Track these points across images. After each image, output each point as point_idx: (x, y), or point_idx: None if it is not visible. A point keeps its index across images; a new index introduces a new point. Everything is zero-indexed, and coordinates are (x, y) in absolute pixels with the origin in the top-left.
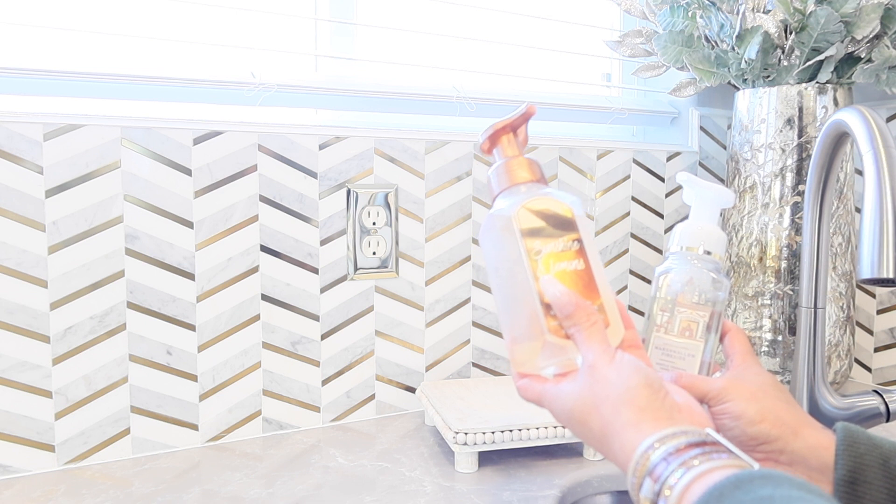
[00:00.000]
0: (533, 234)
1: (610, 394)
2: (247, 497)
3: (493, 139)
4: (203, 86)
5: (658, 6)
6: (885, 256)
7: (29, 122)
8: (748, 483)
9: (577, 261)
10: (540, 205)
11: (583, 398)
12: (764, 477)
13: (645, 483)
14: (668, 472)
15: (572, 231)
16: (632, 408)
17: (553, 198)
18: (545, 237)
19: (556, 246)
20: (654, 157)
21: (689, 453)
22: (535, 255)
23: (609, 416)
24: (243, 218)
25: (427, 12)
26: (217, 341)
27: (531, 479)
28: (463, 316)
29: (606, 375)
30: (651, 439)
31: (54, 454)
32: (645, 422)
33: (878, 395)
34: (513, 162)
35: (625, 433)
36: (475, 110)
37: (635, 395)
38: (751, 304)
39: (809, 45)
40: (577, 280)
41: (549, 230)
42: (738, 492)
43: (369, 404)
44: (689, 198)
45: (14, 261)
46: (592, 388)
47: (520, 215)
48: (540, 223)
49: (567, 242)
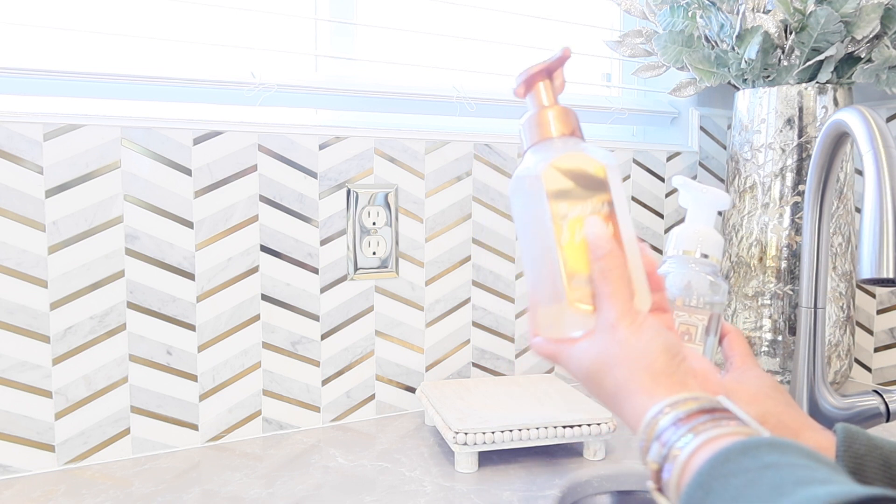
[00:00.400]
0: (560, 195)
1: (627, 356)
2: (247, 497)
3: (528, 83)
4: (203, 86)
5: (658, 6)
6: (885, 256)
7: (29, 122)
8: (754, 449)
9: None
10: (570, 163)
11: (599, 357)
12: (771, 444)
13: (653, 447)
14: (676, 437)
15: (603, 192)
16: (647, 372)
17: (586, 154)
18: (573, 199)
19: (584, 209)
20: (654, 157)
21: (698, 419)
22: (560, 219)
23: (623, 378)
24: (243, 218)
25: (427, 12)
26: (217, 341)
27: (531, 479)
28: (463, 316)
29: (626, 337)
30: (661, 404)
31: (54, 454)
32: (658, 387)
33: (878, 395)
34: (546, 112)
35: (637, 397)
36: (475, 110)
37: (652, 360)
38: (751, 304)
39: (809, 45)
40: None
41: (577, 191)
42: (743, 458)
43: (369, 404)
44: (686, 201)
45: (14, 261)
46: (609, 348)
47: (547, 175)
48: (568, 184)
49: (596, 205)
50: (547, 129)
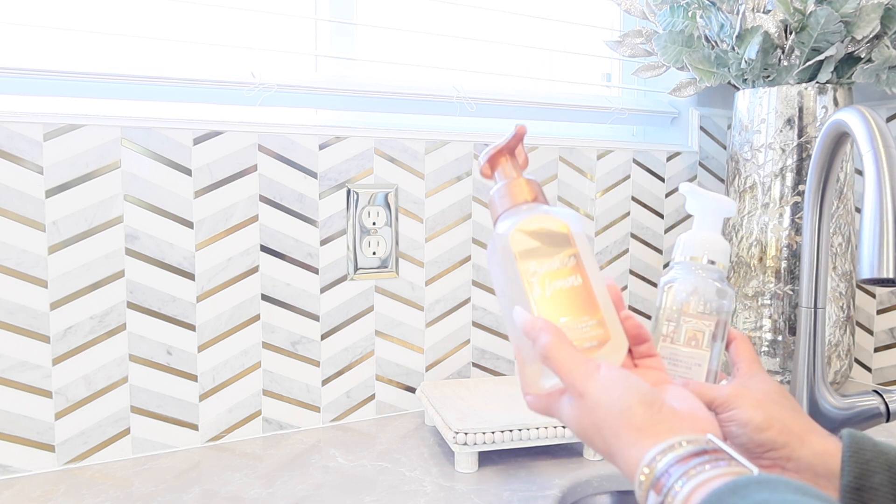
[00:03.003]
0: (528, 255)
1: (605, 418)
2: (247, 497)
3: (491, 163)
4: (203, 86)
5: (658, 6)
6: (885, 256)
7: (29, 122)
8: (744, 489)
9: (573, 277)
10: (534, 224)
11: (583, 422)
12: (761, 482)
13: (650, 496)
14: (671, 483)
15: (568, 247)
16: (629, 429)
17: (549, 215)
18: (540, 257)
19: (551, 264)
20: (654, 157)
21: (690, 463)
22: (530, 276)
23: (610, 437)
24: (243, 218)
25: (427, 12)
26: (217, 341)
27: (531, 479)
28: (463, 316)
29: (596, 401)
30: (653, 452)
31: (54, 454)
32: (644, 439)
33: (878, 395)
34: (511, 183)
35: (627, 451)
36: (475, 110)
37: (630, 416)
38: (751, 304)
39: (809, 45)
40: (575, 296)
41: (543, 249)
42: (734, 497)
43: (369, 404)
44: (692, 207)
45: (14, 261)
46: (588, 414)
47: (514, 237)
48: (534, 243)
49: (563, 259)
50: (512, 198)
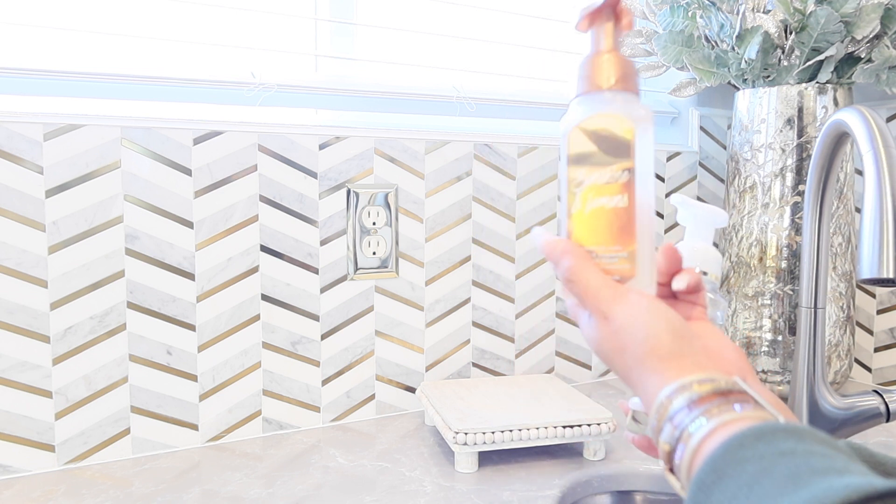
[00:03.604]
0: (580, 160)
1: (629, 343)
2: (247, 497)
3: (591, 18)
4: (203, 86)
5: (658, 6)
6: (885, 256)
7: (29, 122)
8: (770, 435)
9: (620, 196)
10: (598, 124)
11: (603, 345)
12: (787, 430)
13: (665, 428)
14: (689, 420)
15: (626, 158)
16: (653, 356)
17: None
18: (592, 165)
19: (600, 177)
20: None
21: (712, 402)
22: (575, 186)
23: (632, 362)
24: (243, 218)
25: (427, 12)
26: (217, 341)
27: (531, 479)
28: (463, 316)
29: (622, 325)
30: (673, 386)
31: (54, 454)
32: (669, 369)
33: (878, 395)
34: (598, 58)
35: (649, 378)
36: (475, 110)
37: (656, 343)
38: (751, 304)
39: (809, 45)
40: (614, 219)
41: (598, 156)
42: (759, 443)
43: (369, 404)
44: (684, 219)
45: (14, 261)
46: (611, 337)
47: (572, 137)
48: (591, 147)
49: (615, 172)
50: (597, 79)
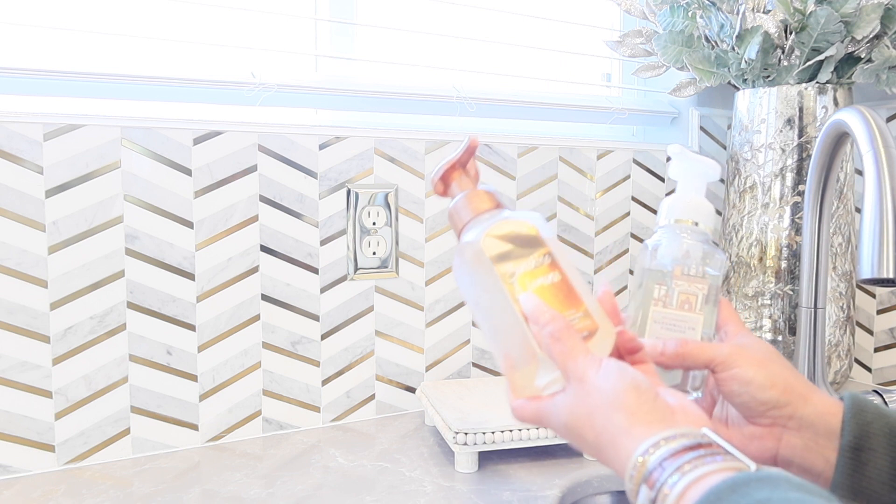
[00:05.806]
0: (503, 258)
1: (600, 402)
2: (247, 497)
3: (444, 180)
4: (203, 86)
5: (658, 6)
6: (885, 256)
7: (29, 122)
8: (744, 486)
9: (552, 274)
10: (503, 229)
11: (576, 410)
12: (761, 479)
13: (641, 490)
14: (664, 478)
15: (540, 246)
16: (622, 412)
17: (514, 220)
18: (515, 258)
19: (528, 265)
20: (654, 157)
21: (684, 457)
22: (509, 278)
23: (601, 424)
24: (243, 218)
25: (427, 12)
26: (217, 341)
27: (531, 479)
28: (463, 316)
29: (594, 385)
30: (645, 444)
31: (54, 454)
32: (637, 426)
33: (878, 395)
34: (470, 195)
35: (619, 440)
36: (475, 110)
37: (623, 399)
38: (751, 304)
39: (809, 45)
40: (557, 292)
41: (517, 251)
42: (734, 495)
43: (369, 404)
44: (676, 172)
45: (14, 261)
46: (583, 399)
47: (486, 243)
48: (507, 246)
49: (538, 258)
50: (474, 209)
